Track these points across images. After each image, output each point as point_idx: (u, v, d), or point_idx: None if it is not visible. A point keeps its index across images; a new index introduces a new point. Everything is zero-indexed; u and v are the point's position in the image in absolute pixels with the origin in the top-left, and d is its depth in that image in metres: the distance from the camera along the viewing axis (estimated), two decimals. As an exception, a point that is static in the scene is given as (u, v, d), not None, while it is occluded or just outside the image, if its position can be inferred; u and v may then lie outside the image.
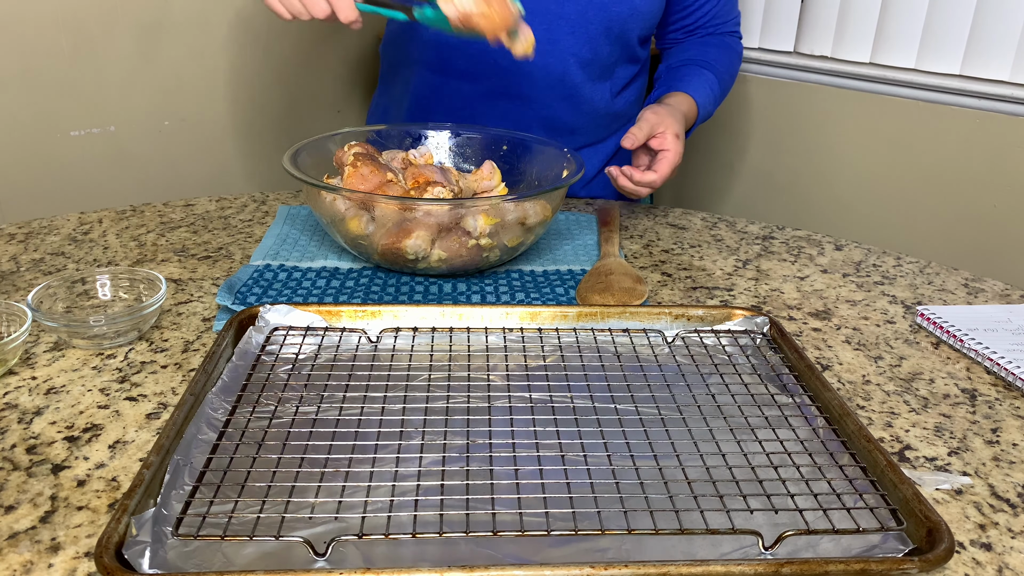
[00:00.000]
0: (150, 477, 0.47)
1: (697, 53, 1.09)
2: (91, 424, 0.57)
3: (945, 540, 0.45)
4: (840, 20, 1.33)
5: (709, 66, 1.06)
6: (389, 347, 0.67)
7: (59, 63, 1.36)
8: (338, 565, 0.43)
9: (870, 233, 1.35)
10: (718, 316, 0.71)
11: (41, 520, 0.48)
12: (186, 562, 0.44)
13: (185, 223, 0.96)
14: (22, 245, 0.88)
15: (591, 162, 1.14)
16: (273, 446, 0.53)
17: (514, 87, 1.04)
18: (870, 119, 1.33)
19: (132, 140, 1.49)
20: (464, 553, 0.45)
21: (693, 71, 1.05)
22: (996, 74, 1.18)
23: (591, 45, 1.02)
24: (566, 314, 0.70)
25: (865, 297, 0.83)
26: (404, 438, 0.54)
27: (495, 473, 0.51)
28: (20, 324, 0.64)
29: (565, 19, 0.99)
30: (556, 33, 1.00)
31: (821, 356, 0.71)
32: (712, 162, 1.59)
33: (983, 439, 0.60)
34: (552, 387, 0.61)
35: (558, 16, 0.99)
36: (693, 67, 1.06)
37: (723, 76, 1.08)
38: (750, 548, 0.46)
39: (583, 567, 0.42)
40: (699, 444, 0.54)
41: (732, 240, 0.97)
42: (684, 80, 1.04)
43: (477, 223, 0.76)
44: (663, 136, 0.93)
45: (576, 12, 0.99)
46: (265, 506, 0.47)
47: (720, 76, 1.07)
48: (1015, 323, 0.74)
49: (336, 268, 0.83)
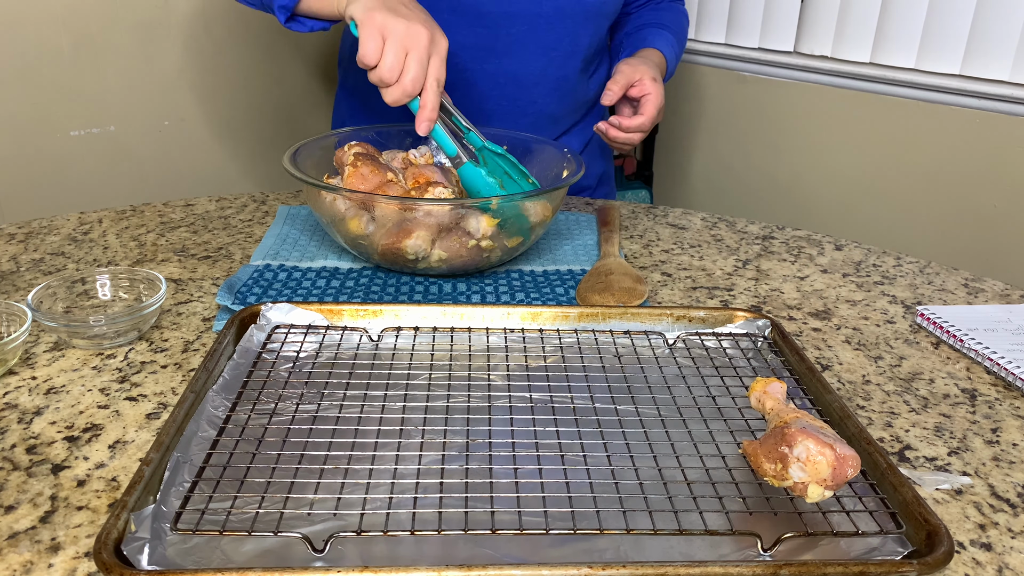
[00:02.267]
0: (150, 474, 0.47)
1: (651, 18, 1.13)
2: (91, 424, 0.57)
3: (944, 543, 0.45)
4: (840, 20, 1.33)
5: (665, 27, 1.11)
6: (390, 346, 0.67)
7: (59, 63, 1.36)
8: (336, 562, 0.43)
9: (870, 233, 1.35)
10: (719, 318, 0.71)
11: (41, 520, 0.48)
12: (185, 559, 0.44)
13: (185, 223, 0.96)
14: (22, 245, 0.88)
15: (572, 144, 1.16)
16: (273, 443, 0.53)
17: (500, 88, 1.05)
18: (870, 119, 1.33)
19: (132, 140, 1.49)
20: (462, 552, 0.45)
21: (652, 32, 1.09)
22: (996, 74, 1.18)
23: (571, 37, 1.04)
24: (567, 314, 0.70)
25: (865, 297, 0.83)
26: (404, 436, 0.54)
27: (494, 472, 0.51)
28: (20, 324, 0.64)
29: (543, 16, 1.01)
30: (537, 31, 1.01)
31: (821, 356, 0.71)
32: (712, 162, 1.59)
33: (983, 439, 0.60)
34: (552, 387, 0.61)
35: (537, 15, 1.00)
36: (651, 28, 1.10)
37: (679, 35, 1.14)
38: (749, 550, 0.46)
39: (581, 567, 0.42)
40: (699, 445, 0.54)
41: (732, 240, 0.97)
42: (647, 39, 1.08)
43: (480, 225, 0.77)
44: (641, 83, 0.95)
45: (553, 8, 1.00)
46: (264, 503, 0.47)
47: (677, 35, 1.12)
48: (1015, 323, 0.74)
49: (336, 268, 0.83)
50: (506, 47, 1.01)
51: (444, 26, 0.96)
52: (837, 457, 0.46)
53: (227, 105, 1.62)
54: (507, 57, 1.02)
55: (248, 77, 1.61)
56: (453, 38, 1.00)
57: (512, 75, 1.04)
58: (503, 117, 1.07)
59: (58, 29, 1.37)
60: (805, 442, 0.46)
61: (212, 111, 1.60)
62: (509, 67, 1.03)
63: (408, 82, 0.74)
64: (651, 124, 0.95)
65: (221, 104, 1.61)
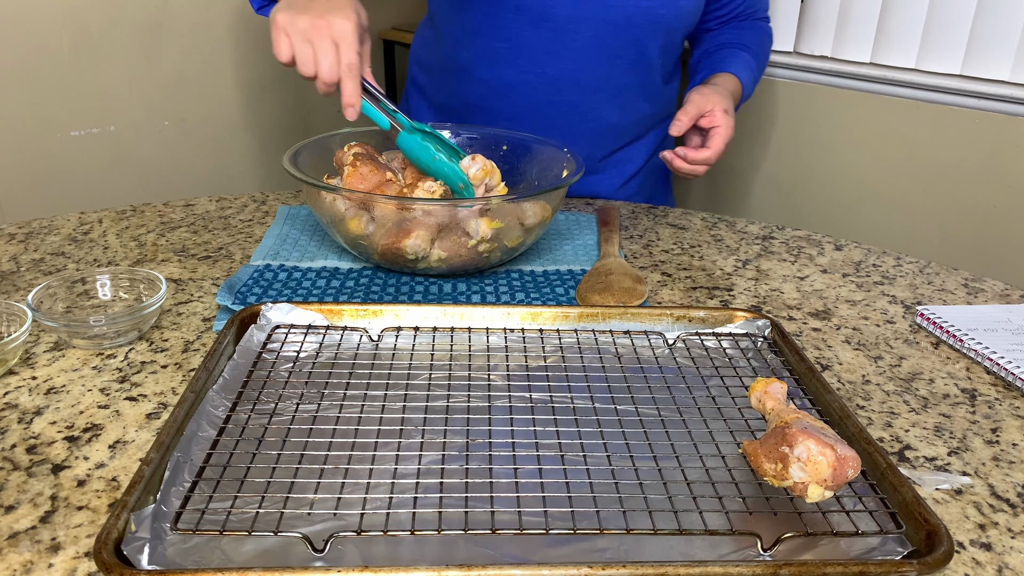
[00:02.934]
0: (150, 474, 0.47)
1: (731, 37, 1.11)
2: (91, 424, 0.57)
3: (944, 543, 0.45)
4: (840, 20, 1.33)
5: (745, 47, 1.09)
6: (390, 346, 0.67)
7: (59, 63, 1.36)
8: (336, 562, 0.43)
9: (870, 233, 1.35)
10: (719, 318, 0.71)
11: (41, 520, 0.48)
12: (185, 558, 0.44)
13: (185, 223, 0.96)
14: (22, 245, 0.88)
15: (633, 160, 1.14)
16: (273, 443, 0.53)
17: (561, 93, 1.04)
18: (870, 119, 1.33)
19: (132, 140, 1.49)
20: (463, 552, 0.45)
21: (731, 52, 1.08)
22: (996, 74, 1.18)
23: (638, 47, 1.02)
24: (567, 315, 0.70)
25: (865, 297, 0.83)
26: (404, 436, 0.54)
27: (494, 472, 0.51)
28: (20, 324, 0.64)
29: (611, 23, 0.99)
30: (603, 37, 1.00)
31: (821, 356, 0.71)
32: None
33: (983, 439, 0.60)
34: (552, 387, 0.61)
35: (604, 21, 0.99)
36: (730, 49, 1.09)
37: (759, 56, 1.12)
38: (749, 549, 0.46)
39: (581, 567, 0.42)
40: (699, 445, 0.54)
41: (732, 240, 0.97)
42: (724, 61, 1.06)
43: (480, 227, 0.77)
44: (712, 114, 0.94)
45: (622, 16, 0.99)
46: (264, 502, 0.47)
47: (756, 56, 1.10)
48: (1015, 323, 0.74)
49: (336, 268, 0.83)
50: (571, 52, 1.00)
51: (507, 27, 0.95)
52: (838, 458, 0.46)
53: (227, 105, 1.61)
54: (570, 62, 1.01)
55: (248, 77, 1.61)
56: (516, 38, 0.99)
57: (574, 80, 1.02)
58: (561, 125, 1.05)
59: (58, 29, 1.37)
60: (806, 442, 0.46)
61: (212, 111, 1.60)
62: (572, 72, 1.02)
63: (324, 72, 0.77)
64: (717, 158, 0.94)
65: (221, 104, 1.61)
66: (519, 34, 0.98)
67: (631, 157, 1.14)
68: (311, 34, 0.76)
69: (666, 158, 0.95)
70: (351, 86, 0.77)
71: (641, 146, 1.14)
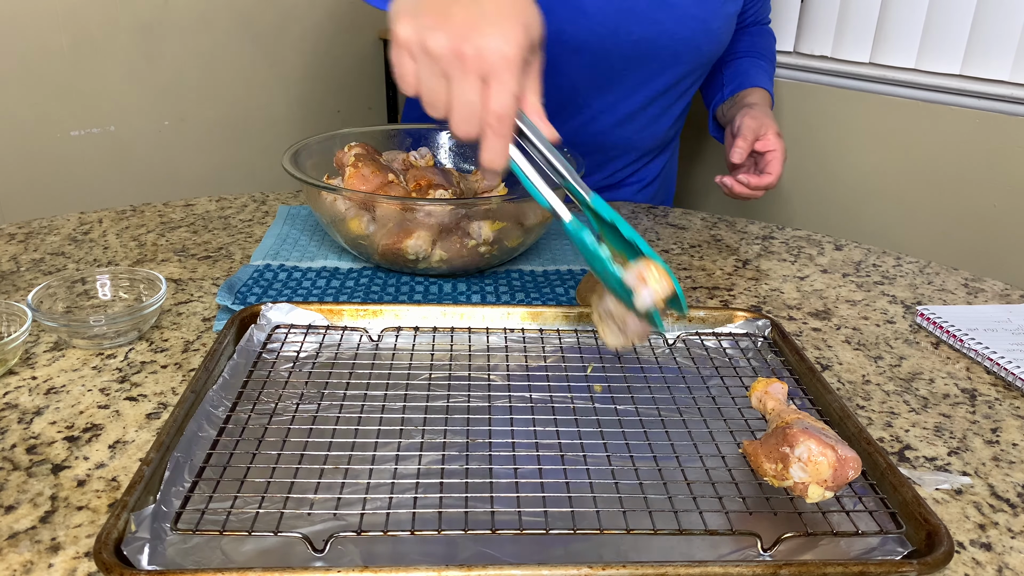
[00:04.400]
0: (150, 474, 0.47)
1: (746, 46, 1.13)
2: (91, 424, 0.57)
3: (944, 543, 0.45)
4: (840, 20, 1.33)
5: (761, 55, 1.12)
6: (390, 346, 0.67)
7: (59, 63, 1.36)
8: (336, 562, 0.43)
9: (870, 233, 1.35)
10: (719, 318, 0.71)
11: (41, 520, 0.48)
12: (185, 559, 0.44)
13: (185, 223, 0.96)
14: (22, 245, 0.88)
15: (652, 169, 1.16)
16: (273, 443, 0.53)
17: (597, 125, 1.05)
18: (870, 119, 1.33)
19: (132, 140, 1.49)
20: (463, 552, 0.45)
21: (751, 63, 1.10)
22: (996, 74, 1.18)
23: (676, 81, 1.04)
24: (567, 315, 0.70)
25: (865, 297, 0.83)
26: (404, 436, 0.54)
27: (494, 472, 0.51)
28: (20, 324, 0.64)
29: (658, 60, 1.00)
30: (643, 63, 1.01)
31: (821, 356, 0.71)
32: (712, 162, 1.59)
33: (983, 439, 0.60)
34: (552, 387, 0.61)
35: (648, 55, 0.99)
36: (749, 59, 1.11)
37: (773, 62, 1.16)
38: (749, 549, 0.46)
39: (581, 567, 0.42)
40: (699, 445, 0.54)
41: (732, 240, 0.97)
42: (748, 74, 1.08)
43: (481, 230, 0.77)
44: (767, 138, 0.95)
45: (670, 55, 0.99)
46: (264, 502, 0.47)
47: (771, 63, 1.14)
48: (1015, 323, 0.74)
49: (336, 268, 0.83)
50: (621, 88, 1.01)
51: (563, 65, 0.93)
52: (838, 458, 0.46)
53: (227, 105, 1.61)
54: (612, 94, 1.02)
55: (248, 77, 1.61)
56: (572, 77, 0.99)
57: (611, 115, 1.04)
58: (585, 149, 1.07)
59: (58, 29, 1.37)
60: (807, 442, 0.46)
61: (212, 111, 1.60)
62: (612, 106, 1.03)
63: (459, 126, 0.52)
64: (776, 182, 0.94)
65: (221, 104, 1.61)
66: (573, 72, 0.97)
67: (651, 169, 1.16)
68: (448, 64, 0.50)
69: (726, 184, 0.95)
70: (496, 146, 0.52)
71: (660, 159, 1.17)
